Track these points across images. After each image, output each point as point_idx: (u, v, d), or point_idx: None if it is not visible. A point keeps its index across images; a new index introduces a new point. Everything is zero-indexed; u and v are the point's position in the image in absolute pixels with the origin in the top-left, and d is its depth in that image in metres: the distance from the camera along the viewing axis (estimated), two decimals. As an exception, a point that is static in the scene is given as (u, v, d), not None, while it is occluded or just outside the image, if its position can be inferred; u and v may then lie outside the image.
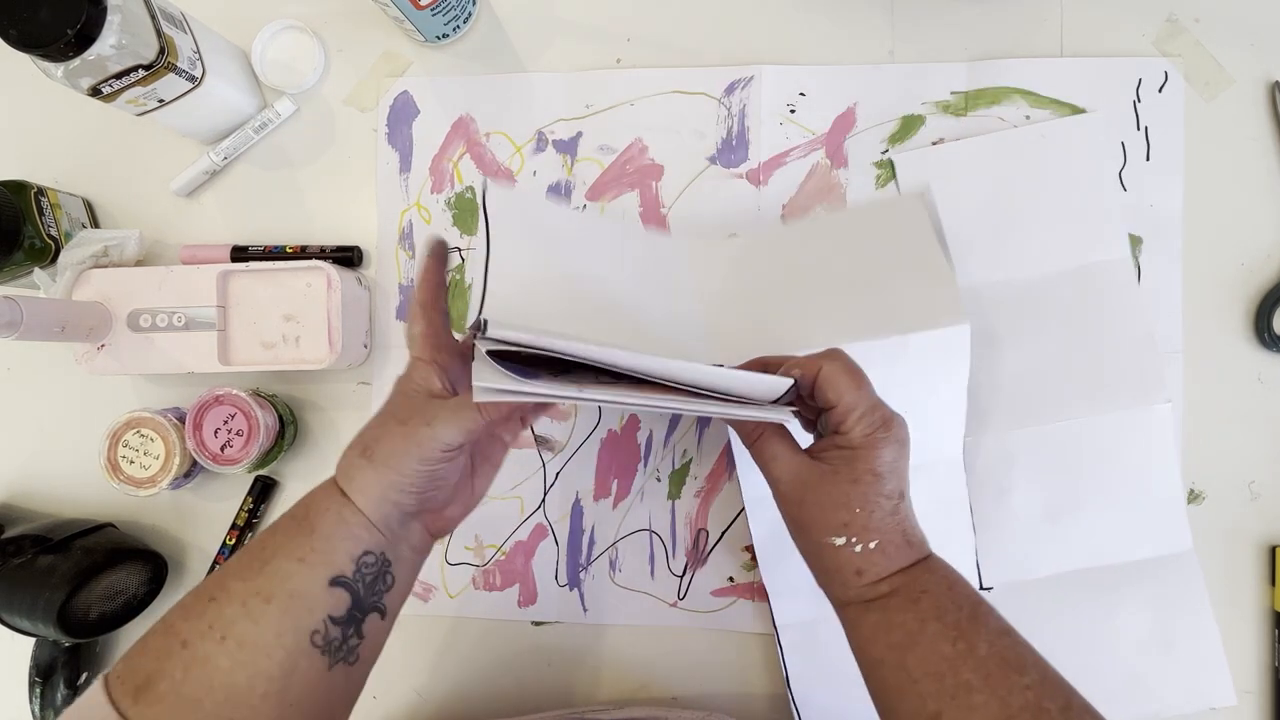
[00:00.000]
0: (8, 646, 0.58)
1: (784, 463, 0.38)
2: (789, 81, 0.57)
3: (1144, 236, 0.55)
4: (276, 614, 0.35)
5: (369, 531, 0.37)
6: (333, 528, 0.37)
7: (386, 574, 0.38)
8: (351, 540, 0.37)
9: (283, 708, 0.35)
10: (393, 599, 0.39)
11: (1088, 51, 0.55)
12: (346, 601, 0.37)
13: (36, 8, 0.44)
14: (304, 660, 0.35)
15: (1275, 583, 0.53)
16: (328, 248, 0.59)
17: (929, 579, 0.36)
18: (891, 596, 0.36)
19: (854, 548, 0.36)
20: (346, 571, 0.37)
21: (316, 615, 0.36)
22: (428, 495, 0.38)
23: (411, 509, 0.38)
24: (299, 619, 0.35)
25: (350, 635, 0.37)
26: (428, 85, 0.59)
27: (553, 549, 0.58)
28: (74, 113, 0.60)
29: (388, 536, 0.38)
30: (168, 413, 0.56)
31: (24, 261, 0.56)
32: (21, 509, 0.61)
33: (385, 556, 0.38)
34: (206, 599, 0.36)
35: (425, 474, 0.37)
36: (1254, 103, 0.55)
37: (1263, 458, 0.54)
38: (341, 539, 0.37)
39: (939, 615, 0.34)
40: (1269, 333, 0.53)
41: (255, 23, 0.59)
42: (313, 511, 0.38)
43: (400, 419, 0.38)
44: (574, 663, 0.57)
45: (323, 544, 0.37)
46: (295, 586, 0.36)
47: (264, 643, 0.35)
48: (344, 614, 0.37)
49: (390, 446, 0.37)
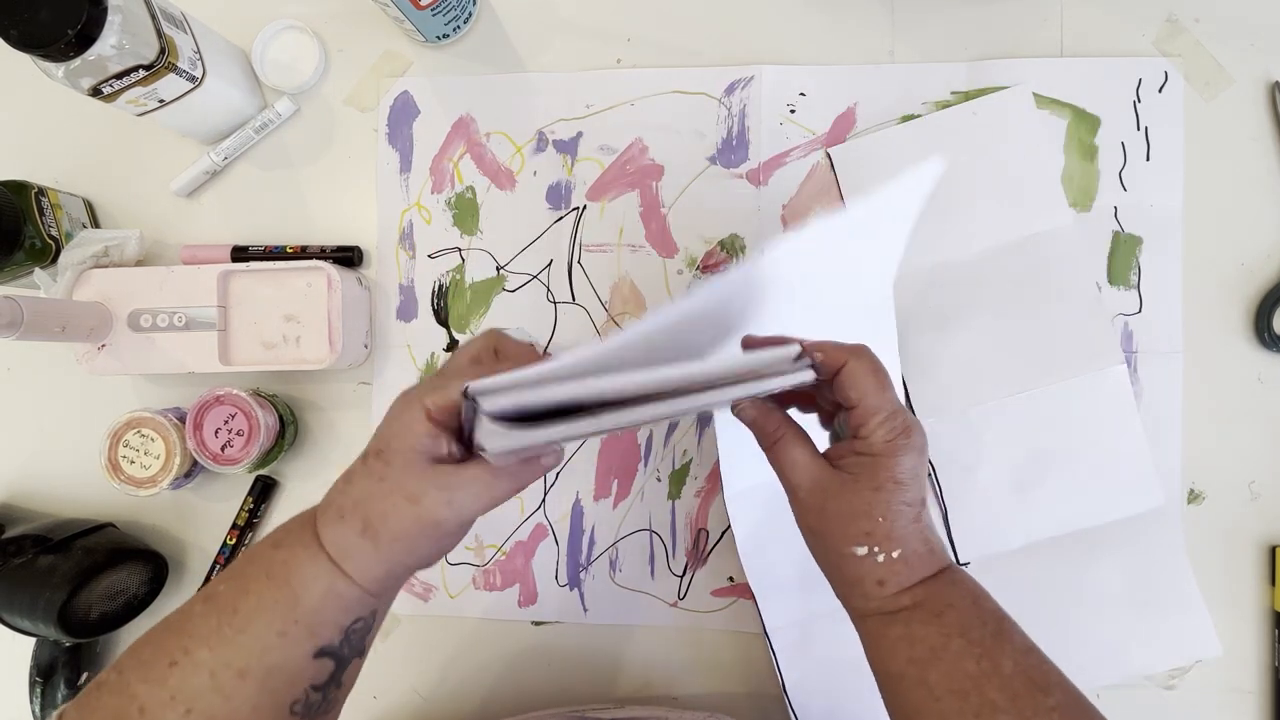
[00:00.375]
0: (8, 646, 0.58)
1: (804, 469, 0.36)
2: (789, 81, 0.57)
3: (1144, 236, 0.55)
4: (253, 690, 0.32)
5: (363, 601, 0.34)
6: (321, 601, 0.33)
7: (372, 629, 0.36)
8: (343, 612, 0.33)
9: None
10: (371, 638, 0.36)
11: (1088, 51, 0.55)
12: (330, 668, 0.34)
13: (37, 8, 0.44)
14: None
15: (1275, 583, 0.53)
16: (328, 248, 0.59)
17: (953, 592, 0.35)
18: (915, 609, 0.34)
19: (876, 557, 0.35)
20: (334, 641, 0.34)
21: (298, 687, 0.33)
22: (431, 562, 0.35)
23: (405, 577, 0.35)
24: (279, 694, 0.32)
25: (330, 691, 0.35)
26: (428, 85, 0.59)
27: (553, 549, 0.58)
28: (74, 113, 0.60)
29: (383, 598, 0.35)
30: (168, 413, 0.56)
31: (24, 261, 0.56)
32: (22, 509, 0.61)
33: (374, 613, 0.35)
34: (167, 662, 0.32)
35: (440, 549, 0.34)
36: (1254, 103, 0.55)
37: (1263, 458, 0.54)
38: (332, 611, 0.33)
39: (963, 631, 0.33)
40: (1269, 333, 0.53)
41: (255, 23, 0.59)
42: (295, 579, 0.33)
43: (408, 494, 0.32)
44: (574, 663, 0.58)
45: (309, 617, 0.33)
46: (275, 661, 0.32)
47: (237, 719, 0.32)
48: (326, 679, 0.34)
49: (400, 528, 0.32)
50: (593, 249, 0.58)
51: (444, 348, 0.59)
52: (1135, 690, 0.54)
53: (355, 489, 0.33)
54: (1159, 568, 0.53)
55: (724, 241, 0.57)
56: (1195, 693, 0.53)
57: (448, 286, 0.59)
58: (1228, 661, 0.53)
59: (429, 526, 0.32)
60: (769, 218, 0.57)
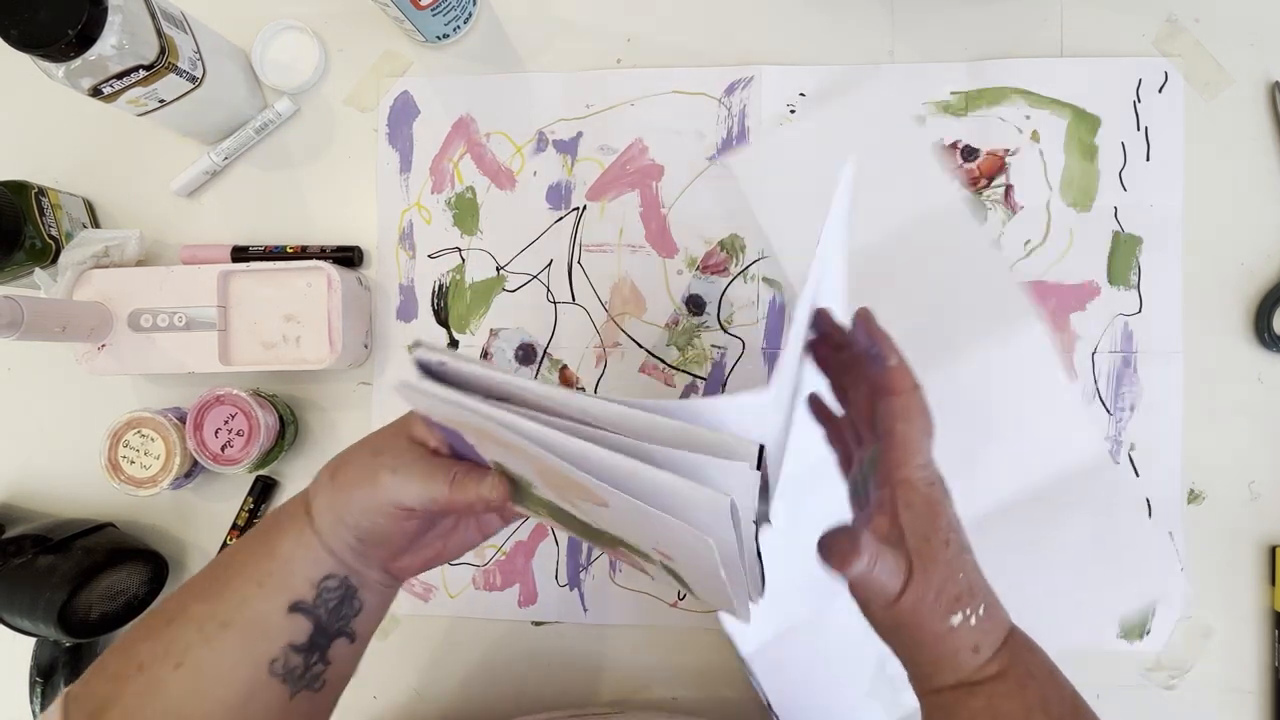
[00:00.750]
0: (8, 646, 0.58)
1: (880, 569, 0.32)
2: (789, 81, 0.57)
3: (1144, 236, 0.55)
4: (234, 641, 0.33)
5: (329, 555, 0.35)
6: (292, 550, 0.35)
7: (352, 599, 0.36)
8: (311, 564, 0.35)
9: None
10: (362, 623, 0.37)
11: (1088, 51, 0.55)
12: (308, 629, 0.34)
13: (37, 8, 0.44)
14: (262, 690, 0.34)
15: (1275, 583, 0.53)
16: (328, 248, 0.59)
17: (1031, 660, 0.34)
18: (998, 680, 0.33)
19: (970, 621, 0.33)
20: (306, 597, 0.34)
21: (276, 643, 0.34)
22: (369, 540, 0.35)
23: (354, 545, 0.35)
24: (256, 647, 0.34)
25: (314, 662, 0.35)
26: (428, 85, 0.59)
27: (553, 549, 0.58)
28: (74, 113, 0.60)
29: (346, 563, 0.36)
30: (168, 413, 0.56)
31: (25, 261, 0.56)
32: (22, 509, 0.61)
33: (349, 581, 0.36)
34: (165, 620, 0.34)
35: (369, 521, 0.34)
36: (1254, 103, 0.55)
37: (1263, 458, 0.54)
38: (300, 562, 0.35)
39: (1044, 706, 0.32)
40: (1269, 333, 0.53)
41: (255, 23, 0.59)
42: (274, 530, 0.35)
43: (374, 449, 0.35)
44: (574, 663, 0.58)
45: (281, 567, 0.34)
46: (253, 612, 0.34)
47: (221, 671, 0.33)
48: (305, 641, 0.34)
49: (351, 476, 0.35)
50: (593, 249, 0.58)
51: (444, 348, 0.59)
52: (1135, 690, 0.54)
53: (349, 447, 0.37)
54: (1118, 517, 0.53)
55: (724, 241, 0.57)
56: (1195, 693, 0.53)
57: (448, 286, 0.59)
58: (1228, 661, 0.53)
59: (369, 480, 0.34)
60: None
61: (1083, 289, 0.55)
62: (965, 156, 0.56)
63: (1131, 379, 0.54)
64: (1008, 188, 0.55)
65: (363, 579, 0.36)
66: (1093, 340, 0.55)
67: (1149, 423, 0.54)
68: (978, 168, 0.56)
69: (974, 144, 0.56)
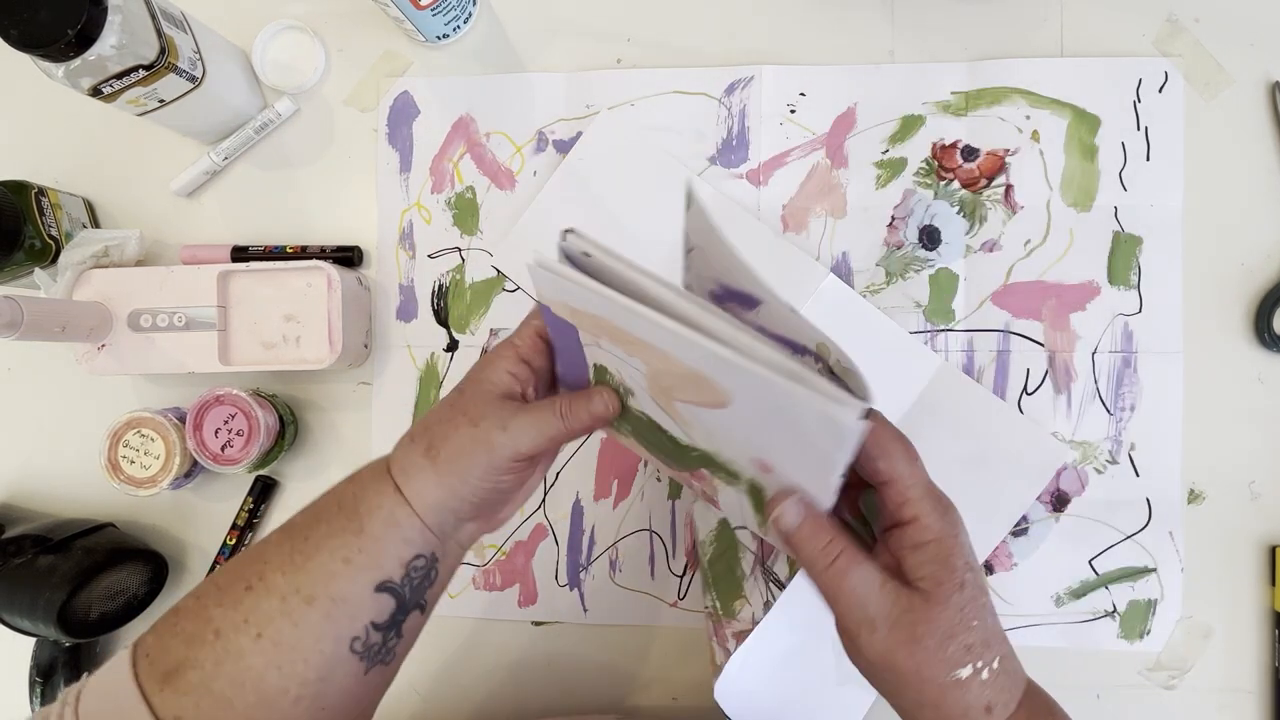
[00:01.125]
0: (8, 646, 0.58)
1: (878, 595, 0.30)
2: (789, 81, 0.57)
3: (1144, 236, 0.55)
4: (318, 618, 0.33)
5: (422, 535, 0.35)
6: (384, 529, 0.34)
7: (433, 572, 0.36)
8: (403, 544, 0.34)
9: (315, 712, 0.33)
10: (434, 593, 0.37)
11: (1088, 51, 0.55)
12: (391, 607, 0.34)
13: (37, 8, 0.44)
14: (341, 667, 0.33)
15: (1275, 583, 0.53)
16: (328, 248, 0.59)
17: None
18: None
19: (981, 675, 0.30)
20: (395, 577, 0.34)
21: (359, 622, 0.34)
22: (487, 504, 0.35)
23: (468, 516, 0.36)
24: (340, 625, 0.33)
25: (390, 638, 0.35)
26: (428, 85, 0.59)
27: (553, 549, 0.58)
28: (74, 113, 0.60)
29: (440, 539, 0.35)
30: (168, 413, 0.56)
31: (24, 261, 0.56)
32: (22, 509, 0.61)
33: (435, 557, 0.36)
34: (243, 586, 0.34)
35: (491, 483, 0.34)
36: (1254, 103, 0.55)
37: (1263, 458, 0.54)
38: (392, 542, 0.34)
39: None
40: (1269, 333, 0.53)
41: (255, 23, 0.59)
42: (363, 506, 0.34)
43: (471, 418, 0.34)
44: (574, 663, 0.58)
45: (372, 545, 0.34)
46: (339, 590, 0.33)
47: (302, 646, 0.33)
48: (387, 619, 0.34)
49: (457, 448, 0.34)
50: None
51: (444, 348, 0.59)
52: (1135, 690, 0.54)
53: (430, 417, 0.35)
54: (977, 412, 0.54)
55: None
56: (1195, 693, 0.53)
57: (448, 286, 0.59)
58: (1228, 661, 0.53)
59: (482, 447, 0.33)
60: (769, 218, 0.57)
61: (1083, 289, 0.55)
62: (965, 156, 0.56)
63: (1131, 379, 0.54)
64: (1008, 187, 0.55)
65: (447, 549, 0.36)
66: (1093, 340, 0.55)
67: (1149, 423, 0.54)
68: (978, 168, 0.56)
69: (974, 144, 0.56)
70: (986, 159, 0.56)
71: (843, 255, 0.56)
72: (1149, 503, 0.54)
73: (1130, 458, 0.54)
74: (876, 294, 0.56)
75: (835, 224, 0.57)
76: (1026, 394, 0.55)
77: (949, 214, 0.56)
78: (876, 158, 0.56)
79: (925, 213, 0.56)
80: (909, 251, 0.56)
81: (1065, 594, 0.54)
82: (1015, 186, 0.55)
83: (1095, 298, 0.55)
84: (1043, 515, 0.55)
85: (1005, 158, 0.56)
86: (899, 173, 0.56)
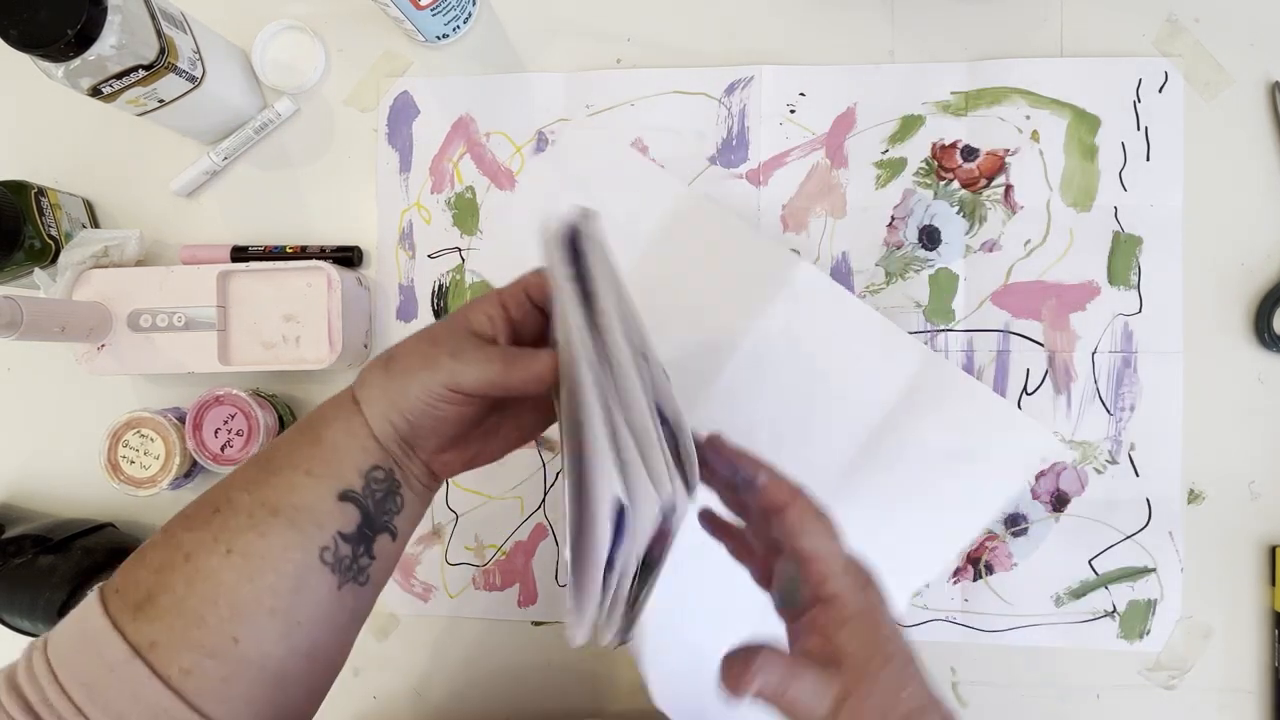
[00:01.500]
0: (8, 646, 0.58)
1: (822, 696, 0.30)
2: (789, 81, 0.57)
3: (1144, 236, 0.55)
4: (284, 527, 0.33)
5: (376, 445, 0.35)
6: (340, 438, 0.35)
7: (396, 494, 0.36)
8: (360, 453, 0.35)
9: (289, 625, 0.33)
10: (403, 522, 0.37)
11: (1088, 51, 0.55)
12: (356, 518, 0.35)
13: (37, 8, 0.44)
14: (313, 577, 0.34)
15: (1275, 583, 0.53)
16: (328, 248, 0.59)
17: None
18: None
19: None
20: (355, 486, 0.35)
21: (326, 531, 0.34)
22: (421, 428, 0.36)
23: (405, 434, 0.36)
24: (308, 534, 0.34)
25: (361, 554, 0.35)
26: (428, 85, 0.59)
27: (553, 549, 0.58)
28: (74, 113, 0.60)
29: (390, 455, 0.36)
30: (168, 413, 0.56)
31: (24, 262, 0.56)
32: (21, 509, 0.61)
33: (394, 475, 0.36)
34: (211, 510, 0.34)
35: (425, 403, 0.35)
36: (1254, 103, 0.55)
37: (1263, 458, 0.54)
38: (349, 451, 0.35)
39: None
40: (1269, 333, 0.53)
41: (255, 23, 0.59)
42: (321, 423, 0.36)
43: (432, 339, 0.36)
44: (573, 663, 0.58)
45: (330, 454, 0.35)
46: (302, 499, 0.34)
47: (271, 556, 0.33)
48: (354, 531, 0.35)
49: (408, 362, 0.35)
50: (593, 249, 0.58)
51: (444, 348, 0.59)
52: (1135, 690, 0.54)
53: (401, 341, 0.37)
54: (962, 405, 0.54)
55: (724, 241, 0.57)
56: (1195, 693, 0.53)
57: (448, 286, 0.59)
58: (1228, 661, 0.53)
59: (428, 365, 0.34)
60: (769, 218, 0.57)
61: (1083, 289, 0.55)
62: (965, 156, 0.56)
63: (1131, 379, 0.54)
64: (1008, 188, 0.55)
65: (406, 473, 0.37)
66: (1093, 340, 0.55)
67: (1149, 423, 0.54)
68: (978, 168, 0.56)
69: (974, 144, 0.56)
70: (986, 159, 0.56)
71: (842, 255, 0.56)
72: (1149, 503, 0.54)
73: (1130, 458, 0.54)
74: (876, 294, 0.56)
75: (835, 224, 0.57)
76: (1026, 394, 0.55)
77: (949, 214, 0.56)
78: (876, 158, 0.56)
79: (925, 213, 0.56)
80: (909, 251, 0.56)
81: (1065, 594, 0.54)
82: (1015, 186, 0.55)
83: (1095, 298, 0.55)
84: (1043, 515, 0.55)
85: (1005, 158, 0.56)
86: (899, 173, 0.56)
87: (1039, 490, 0.55)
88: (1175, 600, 0.54)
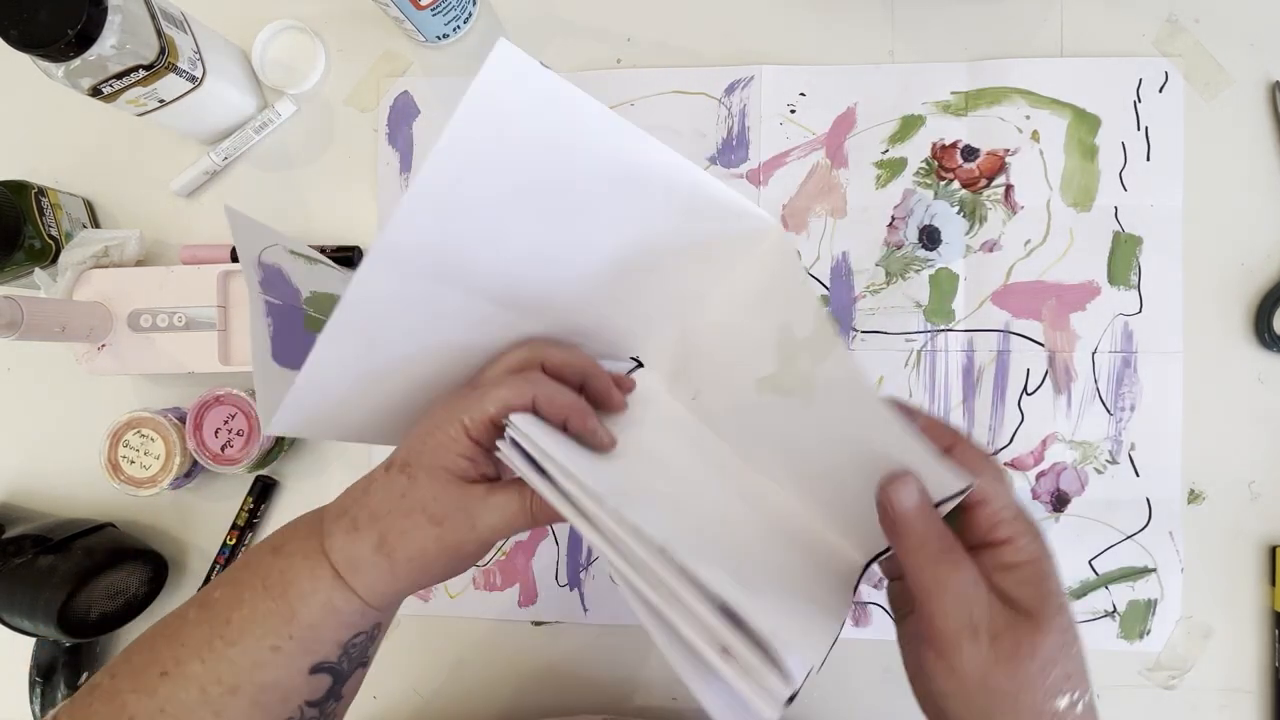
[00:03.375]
0: (8, 646, 0.58)
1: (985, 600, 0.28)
2: (789, 81, 0.57)
3: (1144, 236, 0.55)
4: (245, 706, 0.30)
5: (365, 617, 0.32)
6: (320, 616, 0.31)
7: (374, 641, 0.34)
8: (343, 628, 0.32)
9: None
10: (375, 648, 0.35)
11: (1088, 51, 0.55)
12: (327, 684, 0.32)
13: (37, 8, 0.44)
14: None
15: (1275, 583, 0.53)
16: (328, 248, 0.59)
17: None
18: None
19: (1075, 708, 0.28)
20: (331, 657, 0.32)
21: (292, 704, 0.31)
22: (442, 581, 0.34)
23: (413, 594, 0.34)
24: (271, 711, 0.31)
25: (329, 706, 0.33)
26: (428, 85, 0.59)
27: (553, 549, 0.58)
28: (74, 113, 0.60)
29: (387, 613, 0.33)
30: (168, 413, 0.56)
31: (24, 261, 0.56)
32: (21, 509, 0.61)
33: (376, 628, 0.33)
34: (158, 671, 0.31)
35: (456, 572, 0.33)
36: (1254, 103, 0.55)
37: (1263, 458, 0.54)
38: (330, 628, 0.31)
39: None
40: (1269, 333, 0.53)
41: (255, 23, 0.59)
42: (293, 591, 0.31)
43: (432, 516, 0.31)
44: (574, 663, 0.58)
45: (305, 632, 0.31)
46: (268, 678, 0.30)
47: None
48: (324, 694, 0.32)
49: (419, 548, 0.31)
50: (593, 249, 0.58)
51: (444, 348, 0.59)
52: (1135, 690, 0.54)
53: (374, 501, 0.32)
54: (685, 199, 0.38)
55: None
56: (1195, 693, 0.53)
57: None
58: (1228, 661, 0.53)
59: (450, 549, 0.31)
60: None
61: (1083, 289, 0.55)
62: (965, 156, 0.56)
63: (1131, 379, 0.54)
64: (1008, 188, 0.55)
65: (391, 614, 0.34)
66: (1093, 340, 0.55)
67: (1149, 423, 0.54)
68: (978, 168, 0.56)
69: (974, 144, 0.56)
70: (986, 159, 0.56)
71: (843, 255, 0.56)
72: (1149, 503, 0.54)
73: (1130, 458, 0.54)
74: (877, 294, 0.56)
75: (835, 224, 0.57)
76: (1027, 394, 0.55)
77: (949, 214, 0.56)
78: (876, 158, 0.56)
79: (925, 213, 0.56)
80: (909, 251, 0.56)
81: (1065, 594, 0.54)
82: (1015, 186, 0.55)
83: (1095, 298, 0.55)
84: (1043, 515, 0.55)
85: (1005, 158, 0.56)
86: (899, 173, 0.56)
87: (1039, 490, 0.55)
88: (1175, 600, 0.54)
